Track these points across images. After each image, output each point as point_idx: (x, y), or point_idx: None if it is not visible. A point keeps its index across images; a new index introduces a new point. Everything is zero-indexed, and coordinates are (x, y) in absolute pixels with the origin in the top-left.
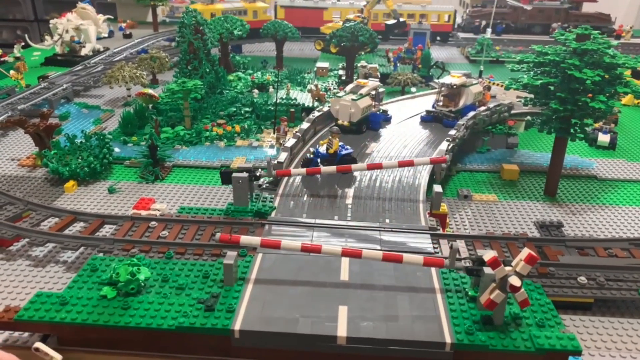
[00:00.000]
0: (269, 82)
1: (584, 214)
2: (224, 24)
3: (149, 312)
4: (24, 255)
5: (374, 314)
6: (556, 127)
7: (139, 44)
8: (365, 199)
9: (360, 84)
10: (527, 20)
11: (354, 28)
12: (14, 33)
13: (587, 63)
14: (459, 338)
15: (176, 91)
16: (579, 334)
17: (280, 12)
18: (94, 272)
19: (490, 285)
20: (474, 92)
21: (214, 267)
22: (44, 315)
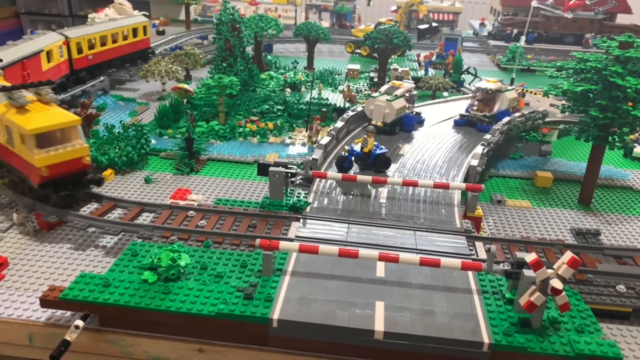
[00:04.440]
0: (301, 81)
1: (620, 224)
2: (258, 22)
3: (189, 298)
4: (66, 238)
5: (411, 310)
6: (594, 135)
7: (172, 41)
8: (399, 200)
9: (395, 85)
10: (560, 30)
11: (388, 30)
12: (49, 27)
13: (630, 71)
14: (497, 339)
15: (212, 86)
16: (617, 343)
17: None
18: (134, 257)
19: (531, 288)
20: (509, 97)
21: (251, 257)
22: (87, 295)
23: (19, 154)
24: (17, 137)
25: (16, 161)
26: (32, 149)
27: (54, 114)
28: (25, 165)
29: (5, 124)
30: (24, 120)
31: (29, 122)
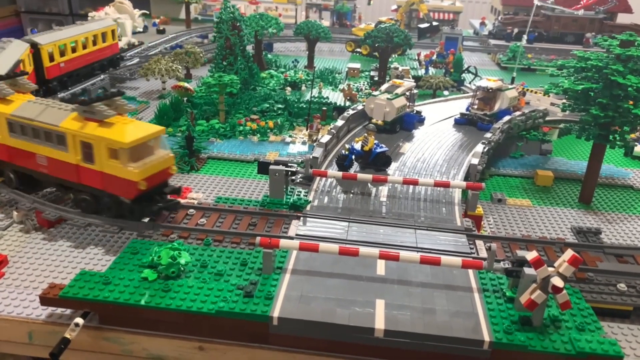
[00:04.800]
0: (301, 80)
1: (621, 222)
2: (259, 21)
3: (189, 296)
4: (66, 236)
5: (411, 308)
6: (595, 134)
7: (172, 40)
8: (399, 198)
9: (395, 83)
10: (560, 29)
11: (389, 29)
12: (49, 26)
13: (631, 69)
14: (498, 337)
15: (213, 85)
16: (618, 342)
17: None
18: (134, 255)
19: (531, 286)
20: (510, 96)
21: (251, 256)
22: (87, 293)
23: (102, 170)
24: (103, 152)
25: (94, 179)
26: (127, 163)
27: (139, 125)
28: (112, 181)
29: (82, 140)
30: (114, 133)
31: (122, 134)
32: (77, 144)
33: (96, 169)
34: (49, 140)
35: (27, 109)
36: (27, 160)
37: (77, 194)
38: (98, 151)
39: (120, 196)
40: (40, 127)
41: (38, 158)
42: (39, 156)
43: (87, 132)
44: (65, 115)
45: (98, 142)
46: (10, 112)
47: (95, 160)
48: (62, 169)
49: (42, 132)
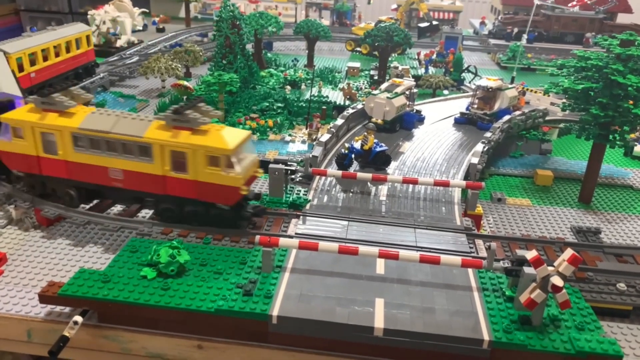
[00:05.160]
0: (301, 79)
1: (620, 222)
2: (258, 20)
3: (188, 294)
4: (65, 234)
5: (411, 307)
6: (595, 133)
7: (172, 38)
8: (399, 197)
9: (395, 82)
10: (560, 29)
11: (389, 28)
12: (48, 25)
13: (631, 69)
14: (497, 336)
15: (212, 83)
16: (617, 341)
17: None
18: (133, 253)
19: (531, 285)
20: (510, 96)
21: (251, 254)
22: (86, 291)
23: (196, 178)
24: (200, 160)
25: (185, 188)
26: (228, 169)
27: (231, 130)
28: (209, 189)
29: (173, 149)
30: (212, 140)
31: (222, 141)
32: (165, 154)
33: (189, 178)
34: (129, 153)
35: (97, 121)
36: (95, 175)
37: (157, 204)
38: (193, 160)
39: (218, 203)
40: (117, 139)
41: (111, 172)
42: (112, 170)
43: (181, 141)
44: (146, 126)
45: (194, 151)
46: (76, 125)
47: (189, 169)
48: (143, 181)
49: (119, 144)
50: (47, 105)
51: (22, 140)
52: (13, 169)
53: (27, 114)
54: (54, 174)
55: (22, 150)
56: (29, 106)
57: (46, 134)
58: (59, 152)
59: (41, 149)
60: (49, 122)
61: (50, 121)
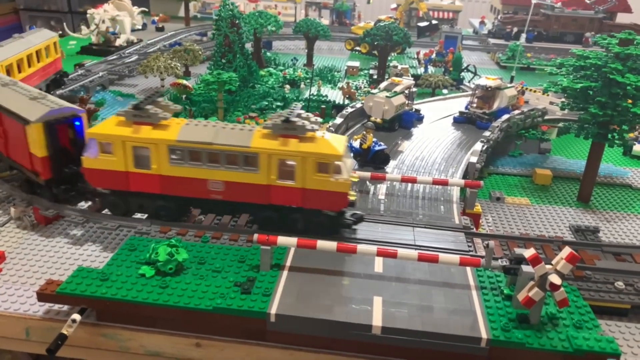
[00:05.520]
0: (300, 78)
1: (619, 221)
2: (258, 19)
3: (187, 292)
4: (64, 232)
5: (409, 306)
6: (594, 132)
7: (171, 37)
8: (398, 196)
9: (394, 81)
10: (560, 29)
11: (388, 27)
12: (47, 24)
13: (630, 68)
14: (495, 334)
15: (211, 82)
16: (615, 339)
17: None
18: (132, 252)
19: (529, 283)
20: (509, 95)
21: (249, 252)
22: (85, 289)
23: (303, 186)
24: (308, 167)
25: (291, 196)
26: (337, 175)
27: (332, 136)
28: (317, 196)
29: (281, 158)
30: (321, 147)
31: (331, 147)
32: (272, 163)
33: (296, 186)
34: (232, 163)
35: (195, 133)
36: (193, 188)
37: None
38: (302, 167)
39: (325, 210)
40: (221, 150)
41: (211, 184)
42: (212, 182)
43: (290, 149)
44: (249, 135)
45: (304, 158)
46: (173, 138)
47: (297, 177)
48: (246, 192)
49: (222, 155)
50: (140, 118)
51: (111, 156)
52: (97, 186)
53: (115, 128)
54: (144, 189)
55: (109, 167)
56: (114, 120)
57: (139, 148)
58: (153, 166)
59: (132, 164)
60: (143, 136)
61: (145, 135)
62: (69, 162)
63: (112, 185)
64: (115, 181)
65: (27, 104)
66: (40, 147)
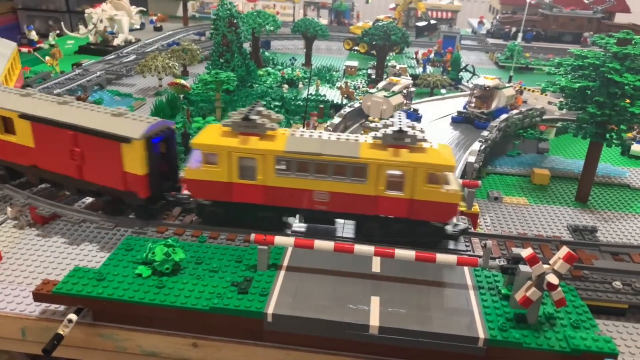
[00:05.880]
0: (298, 77)
1: (617, 221)
2: (256, 18)
3: (183, 292)
4: (60, 232)
5: (406, 305)
6: (592, 132)
7: (169, 37)
8: None
9: (392, 81)
10: (558, 29)
11: (386, 27)
12: (46, 23)
13: (628, 68)
14: (493, 334)
15: (209, 82)
16: (613, 339)
17: None
18: (128, 251)
19: (527, 283)
20: (507, 94)
21: (246, 252)
22: (81, 289)
23: (412, 197)
24: (419, 178)
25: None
26: (447, 185)
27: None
28: (425, 207)
29: (391, 169)
30: (433, 157)
31: (443, 158)
32: (381, 174)
33: (404, 196)
34: (340, 174)
35: (302, 143)
36: (297, 198)
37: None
38: (412, 178)
39: (433, 221)
40: (330, 161)
41: (316, 195)
42: (317, 193)
43: (400, 159)
44: (357, 145)
45: (414, 169)
46: (281, 148)
47: (405, 188)
48: (351, 203)
49: (330, 166)
50: (247, 128)
51: (215, 167)
52: (199, 197)
53: (220, 139)
54: (247, 200)
55: (212, 177)
56: (216, 130)
57: (245, 159)
58: (258, 177)
59: (236, 175)
60: (251, 147)
61: (252, 145)
62: (162, 177)
63: (214, 196)
64: (217, 192)
65: (117, 121)
66: (141, 165)
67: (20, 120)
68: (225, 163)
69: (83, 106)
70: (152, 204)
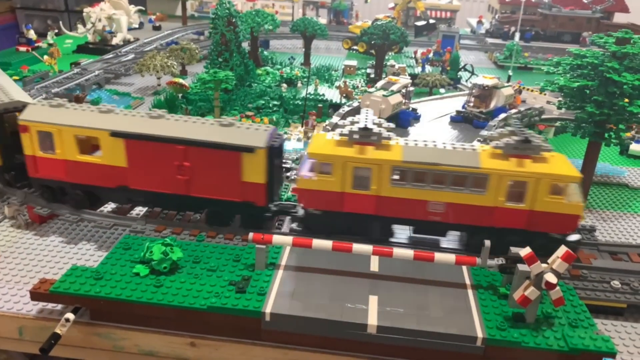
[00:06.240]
0: (297, 77)
1: (615, 220)
2: (255, 17)
3: (181, 291)
4: (58, 231)
5: (404, 305)
6: (590, 132)
7: (168, 36)
8: None
9: (391, 80)
10: (557, 28)
11: (385, 26)
12: (44, 22)
13: (627, 67)
14: (491, 333)
15: (207, 81)
16: (611, 339)
17: None
18: (126, 250)
19: (525, 282)
20: (506, 94)
21: (244, 251)
22: (78, 288)
23: (533, 208)
24: (541, 189)
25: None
26: (570, 197)
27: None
28: (546, 219)
29: (513, 180)
30: (556, 168)
31: (568, 168)
32: (502, 184)
33: (524, 208)
34: (458, 184)
35: (418, 153)
36: (411, 209)
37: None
38: (533, 189)
39: (553, 233)
40: (449, 171)
41: (431, 205)
42: (432, 203)
43: (524, 170)
44: (476, 155)
45: (538, 180)
46: (399, 158)
47: (526, 199)
48: (468, 214)
49: (449, 176)
50: (363, 138)
51: (328, 177)
52: (310, 206)
53: (336, 149)
54: (358, 210)
55: (325, 187)
56: (328, 140)
57: (360, 169)
58: (372, 187)
59: (350, 185)
60: (368, 156)
61: (369, 155)
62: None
63: (325, 206)
64: (328, 202)
65: (233, 131)
66: (262, 173)
67: (110, 139)
68: (339, 173)
69: (182, 119)
70: (266, 212)
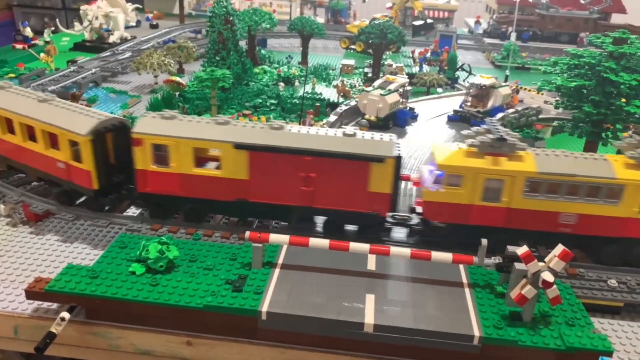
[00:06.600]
0: (295, 76)
1: None
2: (252, 16)
3: (177, 290)
4: (54, 230)
5: (401, 303)
6: (588, 131)
7: (165, 34)
8: None
9: (389, 79)
10: (555, 29)
11: (383, 25)
12: (41, 20)
13: (624, 67)
14: (488, 332)
15: (205, 79)
16: (608, 337)
17: None
18: (122, 249)
19: (522, 281)
20: (503, 93)
21: (241, 250)
22: (74, 287)
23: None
24: None
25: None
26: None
27: None
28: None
29: None
30: None
31: None
32: (638, 195)
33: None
34: (591, 195)
35: (554, 163)
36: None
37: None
38: None
39: None
40: (584, 182)
41: (562, 217)
42: (564, 215)
43: None
44: (609, 165)
45: None
46: (533, 169)
47: None
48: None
49: (583, 187)
50: (496, 149)
51: (457, 189)
52: (434, 219)
53: (467, 160)
54: (486, 222)
55: (452, 199)
56: (456, 150)
57: (491, 181)
58: (503, 199)
59: (479, 197)
60: (501, 168)
61: (503, 166)
62: None
63: (451, 219)
64: (455, 214)
65: (358, 142)
66: (389, 183)
67: (234, 151)
68: (469, 185)
69: (301, 129)
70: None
